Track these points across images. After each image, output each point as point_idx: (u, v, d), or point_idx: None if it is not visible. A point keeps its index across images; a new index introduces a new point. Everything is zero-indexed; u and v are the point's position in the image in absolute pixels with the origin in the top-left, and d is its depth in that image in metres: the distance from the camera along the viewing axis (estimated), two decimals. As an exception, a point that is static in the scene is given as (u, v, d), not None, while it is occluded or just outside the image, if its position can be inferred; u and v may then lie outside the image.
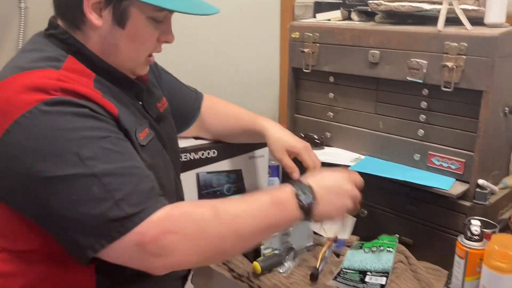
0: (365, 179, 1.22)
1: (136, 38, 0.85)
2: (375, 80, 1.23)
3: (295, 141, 1.18)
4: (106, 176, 0.72)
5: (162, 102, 1.06)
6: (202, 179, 1.29)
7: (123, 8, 0.81)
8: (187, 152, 1.25)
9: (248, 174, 1.36)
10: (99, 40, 0.84)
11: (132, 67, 0.90)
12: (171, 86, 1.20)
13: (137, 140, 0.85)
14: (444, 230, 1.13)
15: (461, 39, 1.05)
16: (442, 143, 1.14)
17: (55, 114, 0.73)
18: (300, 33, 1.35)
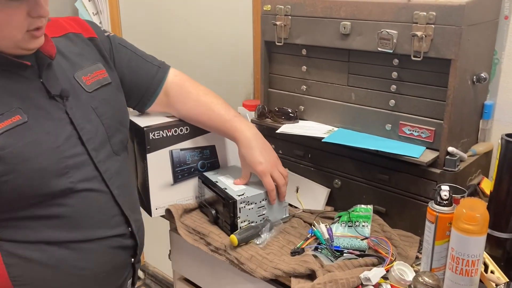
0: (338, 150, 1.25)
1: None
2: (347, 52, 1.23)
3: (258, 164, 1.17)
4: None
5: (92, 75, 1.07)
6: (175, 156, 1.29)
7: None
8: (160, 130, 1.24)
9: (222, 149, 1.36)
10: None
11: (12, 45, 0.91)
12: (127, 60, 1.19)
13: None
14: (415, 198, 1.16)
15: (429, 8, 1.06)
16: (413, 112, 1.16)
17: None
18: (271, 5, 1.33)
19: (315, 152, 1.33)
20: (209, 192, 1.25)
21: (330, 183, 1.31)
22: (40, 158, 0.93)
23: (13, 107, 0.92)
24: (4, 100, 0.92)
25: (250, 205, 1.17)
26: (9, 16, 0.86)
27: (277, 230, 1.20)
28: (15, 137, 0.91)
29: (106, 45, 1.16)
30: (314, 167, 1.35)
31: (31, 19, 0.89)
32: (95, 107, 1.05)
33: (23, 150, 0.91)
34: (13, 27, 0.88)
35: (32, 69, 0.96)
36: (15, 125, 0.91)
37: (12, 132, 0.90)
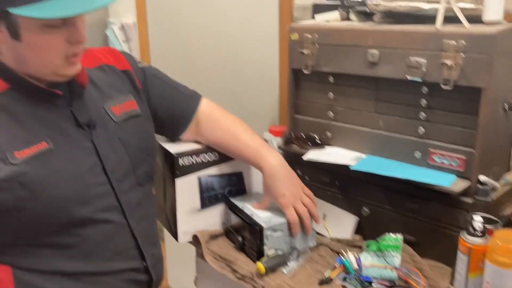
0: (367, 177, 1.24)
1: (37, 47, 0.89)
2: (375, 80, 1.23)
3: (281, 196, 1.16)
4: None
5: (121, 106, 1.09)
6: (204, 182, 1.29)
7: (13, 23, 0.86)
8: (189, 156, 1.26)
9: (249, 176, 1.36)
10: (9, 53, 0.91)
11: (51, 72, 0.94)
12: (161, 91, 1.22)
13: (8, 159, 0.89)
14: (446, 227, 1.14)
15: (459, 37, 1.05)
16: (443, 140, 1.15)
17: None
18: (299, 34, 1.35)
19: (343, 179, 1.32)
20: (236, 218, 1.25)
21: (358, 211, 1.30)
22: (63, 186, 0.95)
23: (40, 134, 0.94)
24: (33, 127, 0.94)
25: (277, 233, 1.16)
26: (49, 42, 0.89)
27: (305, 258, 1.19)
28: (39, 164, 0.92)
29: (140, 77, 1.18)
30: (342, 195, 1.34)
31: (69, 45, 0.92)
32: (122, 137, 1.07)
33: (46, 177, 0.93)
34: (52, 53, 0.91)
35: (63, 98, 0.99)
36: (41, 152, 0.93)
37: (36, 159, 0.92)
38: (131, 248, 1.06)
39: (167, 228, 1.36)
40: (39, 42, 0.88)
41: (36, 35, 0.87)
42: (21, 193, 0.90)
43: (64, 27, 0.89)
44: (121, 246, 1.04)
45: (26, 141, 0.92)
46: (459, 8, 1.10)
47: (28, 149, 0.91)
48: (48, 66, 0.92)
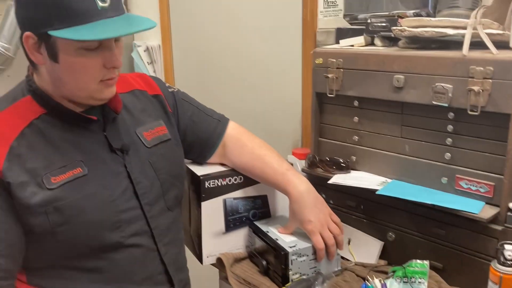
0: (392, 202, 1.23)
1: (74, 70, 0.92)
2: (400, 104, 1.23)
3: (307, 222, 1.16)
4: None
5: (153, 131, 1.11)
6: (228, 205, 1.30)
7: (51, 45, 0.89)
8: (215, 179, 1.27)
9: (273, 199, 1.37)
10: (48, 76, 0.94)
11: (87, 95, 0.96)
12: (190, 115, 1.24)
13: (44, 184, 0.91)
14: (475, 255, 1.12)
15: (487, 63, 1.05)
16: (470, 166, 1.14)
17: None
18: (323, 59, 1.37)
19: (368, 204, 1.32)
20: (260, 242, 1.25)
21: (384, 236, 1.29)
22: (96, 211, 0.96)
23: (75, 159, 0.96)
24: (68, 152, 0.96)
25: (302, 257, 1.16)
26: (85, 65, 0.91)
27: (329, 284, 1.18)
28: (74, 189, 0.94)
29: (171, 101, 1.20)
30: (367, 219, 1.33)
31: (106, 70, 0.94)
32: (153, 162, 1.08)
33: (80, 202, 0.94)
34: (88, 76, 0.93)
35: (97, 123, 1.01)
36: (75, 178, 0.95)
37: (71, 184, 0.94)
38: (159, 273, 1.07)
39: (192, 250, 1.36)
40: (75, 64, 0.91)
41: (72, 57, 0.89)
42: (56, 218, 0.92)
43: (100, 51, 0.91)
44: (150, 270, 1.05)
45: (62, 166, 0.94)
46: (486, 34, 1.10)
47: (64, 174, 0.94)
48: (84, 89, 0.95)
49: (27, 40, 0.89)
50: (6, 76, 1.45)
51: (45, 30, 0.86)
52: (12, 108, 0.94)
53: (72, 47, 0.89)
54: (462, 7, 1.29)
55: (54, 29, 0.86)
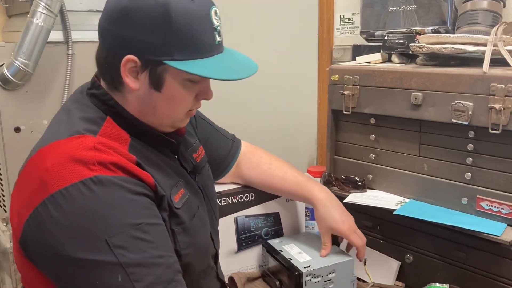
0: (410, 223, 1.20)
1: (173, 100, 0.87)
2: (418, 122, 1.21)
3: (341, 222, 1.16)
4: (132, 266, 0.74)
5: (199, 152, 1.07)
6: (240, 223, 1.28)
7: (158, 73, 0.83)
8: (226, 197, 1.25)
9: (286, 217, 1.34)
10: (137, 102, 0.86)
11: (171, 124, 0.92)
12: (206, 134, 1.21)
13: (172, 204, 0.86)
14: (497, 279, 1.08)
15: (508, 80, 1.03)
16: (491, 186, 1.10)
17: (91, 197, 0.74)
18: (339, 75, 1.35)
19: (385, 224, 1.28)
20: (273, 261, 1.22)
21: (402, 257, 1.25)
22: (202, 234, 0.95)
23: (176, 180, 0.91)
24: (169, 173, 0.91)
25: (316, 278, 1.13)
26: (184, 96, 0.87)
27: (345, 306, 1.14)
28: (187, 210, 0.91)
29: (193, 119, 1.17)
30: (384, 240, 1.29)
31: (196, 101, 0.90)
32: (204, 185, 1.06)
33: (193, 224, 0.92)
34: (182, 106, 0.89)
35: (172, 146, 0.96)
36: (186, 198, 0.91)
37: (185, 205, 0.90)
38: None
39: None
40: (176, 95, 0.86)
41: (176, 88, 0.85)
42: (183, 238, 0.88)
43: (200, 83, 0.88)
44: None
45: (173, 185, 0.89)
46: (506, 51, 1.08)
47: (177, 194, 0.89)
48: (172, 118, 0.90)
49: (126, 63, 0.81)
50: (25, 92, 1.46)
51: (161, 59, 0.81)
52: (104, 131, 0.84)
53: (179, 78, 0.84)
54: (482, 23, 1.27)
55: (172, 60, 0.80)
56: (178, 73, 0.83)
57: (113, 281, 0.73)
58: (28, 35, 1.37)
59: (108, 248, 0.73)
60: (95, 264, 0.73)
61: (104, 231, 0.74)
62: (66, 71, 1.50)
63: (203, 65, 0.82)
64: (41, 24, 1.36)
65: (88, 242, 0.73)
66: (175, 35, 0.80)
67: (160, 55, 0.81)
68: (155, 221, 0.81)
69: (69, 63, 1.51)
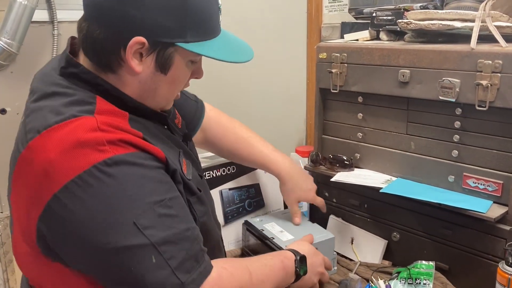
0: (397, 201, 1.19)
1: (176, 81, 0.85)
2: (406, 100, 1.20)
3: (308, 191, 1.24)
4: (163, 244, 0.72)
5: (178, 117, 1.04)
6: (225, 196, 1.30)
7: (167, 56, 0.80)
8: (210, 170, 1.26)
9: (266, 187, 1.37)
10: (138, 85, 0.82)
11: (164, 105, 0.90)
12: None
13: (185, 176, 0.85)
14: (482, 256, 1.08)
15: (495, 56, 1.01)
16: (478, 164, 1.10)
17: (108, 181, 0.71)
18: (327, 53, 1.33)
19: (372, 203, 1.28)
20: (255, 240, 1.22)
21: (388, 235, 1.25)
22: (209, 201, 0.96)
23: (178, 150, 0.91)
24: (171, 144, 0.90)
25: None
26: (185, 77, 0.86)
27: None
28: (195, 179, 0.91)
29: None
30: (371, 218, 1.30)
31: (187, 82, 0.90)
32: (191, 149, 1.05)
33: (204, 196, 0.92)
34: (180, 88, 0.88)
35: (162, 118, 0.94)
36: (191, 168, 0.91)
37: (193, 174, 0.91)
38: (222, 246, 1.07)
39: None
40: (181, 76, 0.84)
41: (182, 69, 0.83)
42: (199, 207, 0.88)
43: (197, 63, 0.87)
44: (223, 252, 1.07)
45: (177, 157, 0.88)
46: (495, 27, 1.06)
47: (184, 166, 0.88)
48: (168, 99, 0.89)
49: (133, 45, 0.76)
50: (10, 73, 1.43)
51: (174, 41, 0.78)
52: (99, 109, 0.78)
53: (186, 60, 0.82)
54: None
55: (185, 42, 0.78)
56: (186, 54, 0.80)
57: (147, 264, 0.71)
58: (12, 14, 1.33)
59: (137, 230, 0.70)
60: (127, 249, 0.70)
61: (130, 213, 0.71)
62: (52, 51, 1.47)
63: (214, 47, 0.81)
64: (24, 3, 1.33)
65: (115, 228, 0.70)
66: (190, 17, 0.77)
67: (174, 37, 0.77)
68: (175, 194, 0.79)
69: (54, 43, 1.48)
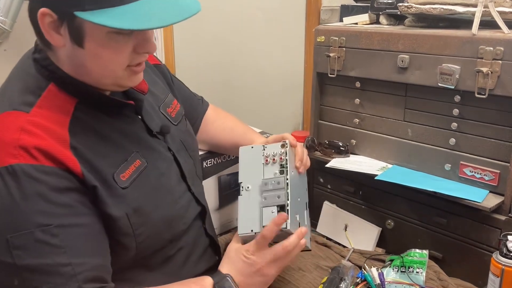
0: (392, 188, 1.18)
1: (101, 57, 0.76)
2: (404, 86, 1.18)
3: None
4: (28, 271, 0.69)
5: (173, 106, 1.00)
6: (223, 181, 1.28)
7: (76, 27, 0.73)
8: (211, 158, 1.24)
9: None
10: (68, 60, 0.77)
11: (111, 82, 0.81)
12: (183, 90, 1.16)
13: (117, 185, 0.79)
14: (476, 245, 1.08)
15: (497, 43, 0.99)
16: (475, 152, 1.09)
17: (1, 188, 0.69)
18: (325, 37, 1.31)
19: (367, 190, 1.27)
20: None
21: (382, 223, 1.24)
22: (165, 203, 0.87)
23: (130, 150, 0.83)
24: (122, 143, 0.83)
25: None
26: (115, 52, 0.76)
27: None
28: (142, 184, 0.83)
29: (167, 73, 1.10)
30: (365, 205, 1.28)
31: (135, 55, 0.79)
32: (183, 140, 0.99)
33: (151, 197, 0.84)
34: (116, 63, 0.78)
35: (129, 107, 0.87)
36: (139, 171, 0.83)
37: (138, 180, 0.83)
38: (207, 246, 1.01)
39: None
40: (104, 51, 0.75)
41: (101, 43, 0.74)
42: (136, 220, 0.81)
43: (133, 34, 0.76)
44: (202, 248, 0.99)
45: (123, 160, 0.82)
46: (497, 12, 1.04)
47: (128, 169, 0.81)
48: (109, 76, 0.79)
49: (43, 17, 0.72)
50: (3, 51, 1.40)
51: (71, 11, 0.70)
52: (43, 101, 0.76)
53: (102, 31, 0.73)
54: (474, -16, 1.22)
55: (83, 11, 0.70)
56: (96, 26, 0.71)
57: (9, 284, 0.69)
58: (5, -9, 1.30)
59: (6, 247, 0.68)
60: None
61: (7, 228, 0.68)
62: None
63: (118, 13, 0.71)
64: (17, -20, 1.30)
65: None
66: None
67: (71, 6, 0.70)
68: (73, 222, 0.73)
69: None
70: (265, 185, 0.90)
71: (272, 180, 0.90)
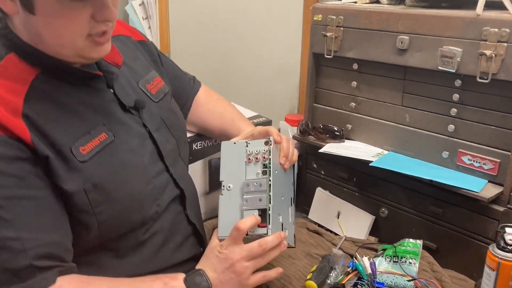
0: (387, 176, 1.14)
1: (54, 24, 0.72)
2: (403, 69, 1.13)
3: None
4: None
5: (154, 83, 0.96)
6: (213, 165, 1.25)
7: None
8: (202, 140, 1.21)
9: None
10: (24, 28, 0.74)
11: (73, 53, 0.76)
12: (172, 68, 1.12)
13: (74, 157, 0.75)
14: (472, 236, 1.04)
15: (502, 24, 0.94)
16: (475, 140, 1.04)
17: None
18: (323, 15, 1.25)
19: (361, 176, 1.23)
20: None
21: (376, 211, 1.21)
22: (133, 182, 0.82)
23: (95, 123, 0.80)
24: (87, 116, 0.79)
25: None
26: (70, 20, 0.72)
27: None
28: (106, 159, 0.79)
29: (154, 51, 1.06)
30: (359, 192, 1.25)
31: (95, 23, 0.74)
32: (165, 118, 0.94)
33: (116, 174, 0.80)
34: (73, 32, 0.73)
35: (100, 80, 0.84)
36: (104, 145, 0.79)
37: (102, 154, 0.78)
38: (189, 235, 0.95)
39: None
40: (57, 18, 0.71)
41: (52, 8, 0.70)
42: (96, 196, 0.77)
43: (89, 1, 0.72)
44: (182, 235, 0.93)
45: (86, 133, 0.77)
46: (504, -8, 0.98)
47: (91, 142, 0.77)
48: (68, 46, 0.75)
49: None
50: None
51: None
52: (2, 68, 0.73)
53: None
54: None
55: None
56: None
57: None
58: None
59: None
60: None
61: None
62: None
63: None
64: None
65: None
66: None
67: None
68: (23, 194, 0.70)
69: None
70: (247, 186, 0.86)
71: (254, 182, 0.86)
